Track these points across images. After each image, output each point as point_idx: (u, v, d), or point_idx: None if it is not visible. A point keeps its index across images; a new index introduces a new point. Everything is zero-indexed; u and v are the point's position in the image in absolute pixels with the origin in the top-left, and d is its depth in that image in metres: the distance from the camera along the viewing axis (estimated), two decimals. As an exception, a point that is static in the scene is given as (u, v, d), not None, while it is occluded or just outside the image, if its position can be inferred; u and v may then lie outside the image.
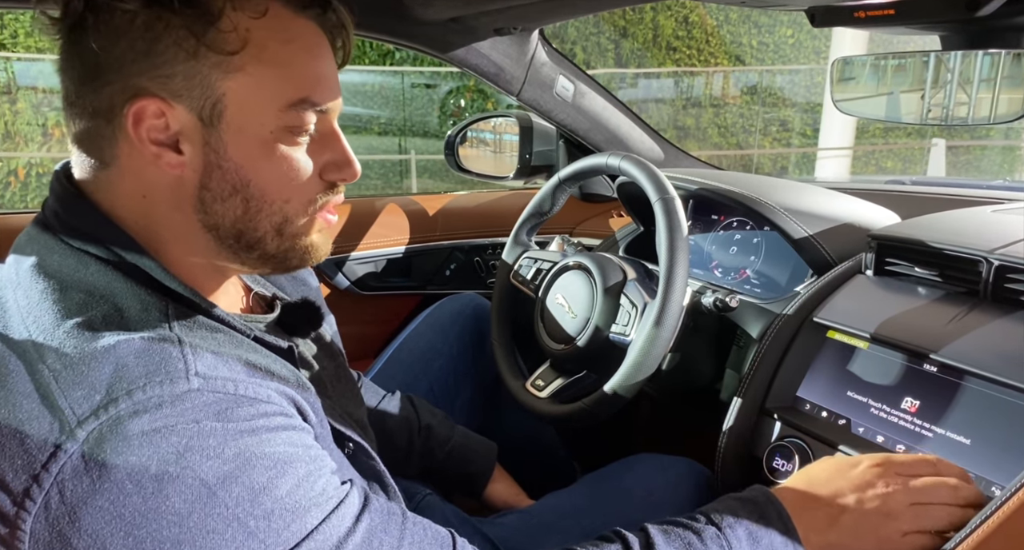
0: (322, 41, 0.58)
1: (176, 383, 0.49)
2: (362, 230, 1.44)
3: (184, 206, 0.57)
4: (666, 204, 0.91)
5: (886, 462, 0.64)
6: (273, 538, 0.49)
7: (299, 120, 0.56)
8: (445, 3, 1.10)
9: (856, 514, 0.61)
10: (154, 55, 0.52)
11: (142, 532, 0.46)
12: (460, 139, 1.60)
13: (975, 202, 1.10)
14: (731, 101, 9.86)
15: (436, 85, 9.15)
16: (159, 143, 0.55)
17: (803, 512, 0.61)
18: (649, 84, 9.85)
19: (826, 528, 0.60)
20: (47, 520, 0.46)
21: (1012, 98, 0.89)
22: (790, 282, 1.06)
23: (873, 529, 0.60)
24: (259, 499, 0.49)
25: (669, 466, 0.91)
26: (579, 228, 1.56)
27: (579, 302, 0.99)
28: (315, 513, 0.52)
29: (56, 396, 0.48)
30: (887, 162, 9.47)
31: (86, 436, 0.46)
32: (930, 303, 0.81)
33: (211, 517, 0.48)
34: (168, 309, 0.54)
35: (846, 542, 0.60)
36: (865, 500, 0.61)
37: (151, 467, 0.47)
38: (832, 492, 0.63)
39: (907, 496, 0.61)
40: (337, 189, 0.62)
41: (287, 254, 0.61)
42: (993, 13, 0.73)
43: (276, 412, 0.53)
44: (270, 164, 0.57)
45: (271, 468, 0.50)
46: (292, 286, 0.80)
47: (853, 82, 1.09)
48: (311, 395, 0.60)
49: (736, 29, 9.74)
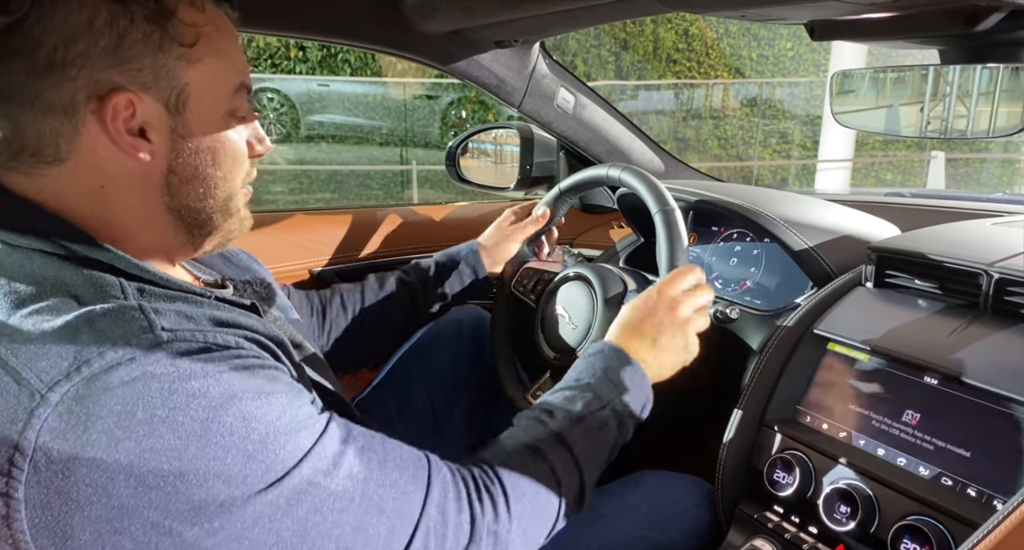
0: (234, 31, 0.64)
1: (144, 337, 0.51)
2: (363, 240, 1.45)
3: (150, 192, 0.60)
4: (666, 215, 0.91)
5: (664, 288, 0.84)
6: (272, 458, 0.51)
7: (240, 103, 0.63)
8: (447, 16, 1.10)
9: (662, 330, 0.81)
10: (123, 50, 0.55)
11: (142, 470, 0.48)
12: (461, 150, 1.61)
13: (975, 215, 1.10)
14: (731, 113, 9.89)
15: (437, 96, 9.19)
16: (130, 133, 0.57)
17: (630, 345, 0.80)
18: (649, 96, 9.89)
19: (650, 347, 0.80)
20: (39, 483, 0.47)
21: (1011, 111, 0.89)
22: (790, 294, 1.06)
23: (675, 335, 0.81)
24: (252, 425, 0.51)
25: (674, 483, 0.91)
26: (580, 239, 1.56)
27: (580, 313, 0.99)
28: (306, 435, 0.54)
29: (19, 370, 0.48)
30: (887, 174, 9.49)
31: (60, 398, 0.47)
32: (930, 316, 0.81)
33: (209, 446, 0.49)
34: (123, 287, 0.56)
35: (663, 349, 0.81)
36: (662, 319, 0.81)
37: (137, 413, 0.48)
38: (641, 323, 0.82)
39: (687, 308, 0.83)
40: (254, 162, 0.68)
41: (230, 228, 0.67)
42: (992, 27, 0.73)
43: (249, 355, 0.56)
44: (222, 145, 0.62)
45: (256, 398, 0.52)
46: (235, 273, 0.82)
47: (852, 95, 1.09)
48: (284, 344, 0.62)
49: (736, 42, 9.80)
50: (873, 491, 0.73)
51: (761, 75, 9.87)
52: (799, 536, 0.78)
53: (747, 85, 10.03)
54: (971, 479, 0.68)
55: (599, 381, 0.76)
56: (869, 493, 0.73)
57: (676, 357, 0.82)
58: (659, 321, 0.81)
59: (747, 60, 9.86)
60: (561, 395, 0.75)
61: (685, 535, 0.86)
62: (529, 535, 0.65)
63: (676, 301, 0.83)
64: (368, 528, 0.56)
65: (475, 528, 0.61)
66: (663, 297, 0.83)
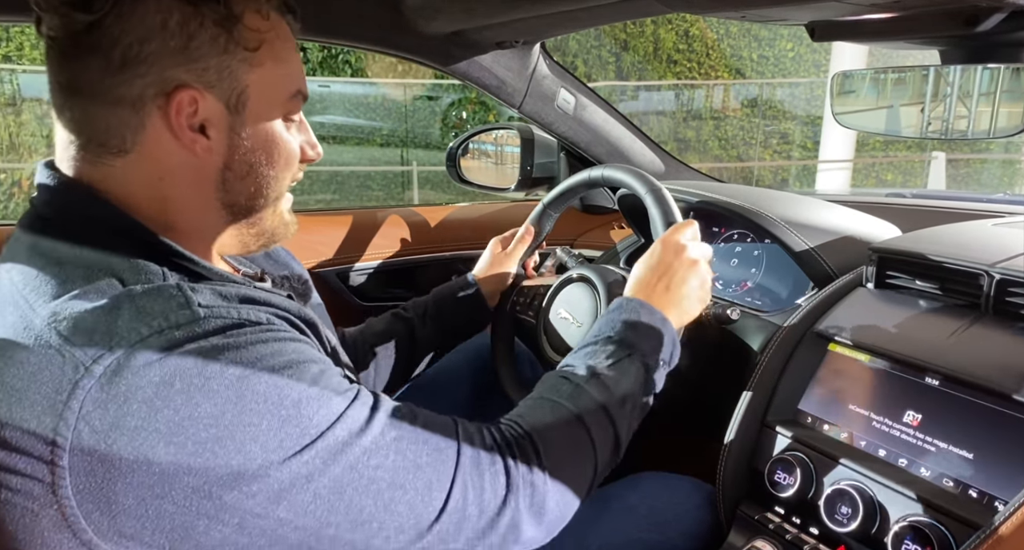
0: (294, 41, 0.66)
1: (181, 313, 0.53)
2: (364, 241, 1.45)
3: (205, 186, 0.63)
4: (655, 193, 0.93)
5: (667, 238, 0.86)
6: (306, 422, 0.54)
7: (294, 108, 0.66)
8: (448, 17, 1.11)
9: (674, 274, 0.83)
10: (191, 50, 0.58)
11: (181, 438, 0.50)
12: (462, 151, 1.61)
13: (976, 215, 1.10)
14: (732, 114, 9.89)
15: (438, 97, 9.19)
16: (191, 129, 0.60)
17: (647, 293, 0.82)
18: (650, 97, 9.89)
19: (665, 292, 0.82)
20: (83, 452, 0.49)
21: (1012, 112, 0.89)
22: (791, 295, 1.06)
23: (687, 277, 0.83)
24: (284, 391, 0.53)
25: (674, 484, 0.91)
26: (580, 240, 1.56)
27: (583, 313, 0.99)
28: (338, 400, 0.57)
29: (64, 346, 0.51)
30: (887, 175, 9.49)
31: (103, 370, 0.49)
32: (931, 316, 0.81)
33: (244, 412, 0.51)
34: (165, 271, 0.59)
35: (679, 291, 0.82)
36: (671, 262, 0.83)
37: (175, 383, 0.50)
38: (651, 273, 0.84)
39: (692, 251, 0.84)
40: (302, 166, 0.70)
41: (276, 228, 0.70)
42: (992, 28, 0.73)
43: (280, 329, 0.58)
44: (276, 146, 0.65)
45: (288, 367, 0.55)
46: (275, 268, 0.84)
47: (853, 95, 1.09)
48: (316, 325, 0.65)
49: (737, 42, 9.80)
50: (874, 492, 0.73)
51: (762, 76, 9.86)
52: (800, 537, 0.78)
53: (748, 86, 10.02)
54: (972, 480, 0.68)
55: (620, 332, 0.77)
56: (870, 494, 0.73)
57: (693, 296, 0.83)
58: (669, 265, 0.83)
59: (748, 61, 9.85)
60: (584, 351, 0.77)
61: (685, 537, 0.86)
62: (566, 487, 0.66)
63: (681, 246, 0.84)
64: (405, 484, 0.57)
65: (511, 479, 0.62)
66: (667, 246, 0.84)
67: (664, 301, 0.81)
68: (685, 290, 0.82)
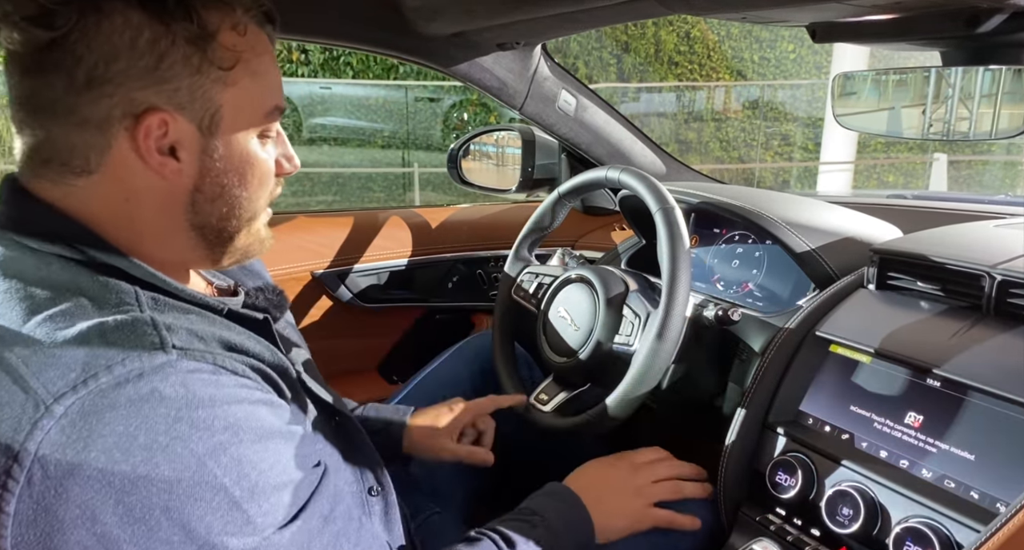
0: (273, 52, 0.63)
1: (154, 355, 0.50)
2: (365, 243, 1.45)
3: (173, 208, 0.60)
4: (666, 214, 0.91)
5: (628, 458, 0.89)
6: (255, 510, 0.52)
7: (271, 124, 0.63)
8: (448, 18, 1.11)
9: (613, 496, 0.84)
10: (161, 70, 0.55)
11: (132, 499, 0.47)
12: (463, 152, 1.61)
13: (977, 217, 1.10)
14: (733, 115, 9.89)
15: (439, 99, 9.19)
16: (160, 152, 0.57)
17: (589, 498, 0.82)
18: (651, 98, 9.88)
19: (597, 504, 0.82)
20: (31, 497, 0.46)
21: (1013, 113, 0.89)
22: (792, 296, 1.06)
23: (626, 503, 0.84)
24: (245, 471, 0.52)
25: None
26: (581, 241, 1.56)
27: (581, 314, 0.99)
28: (289, 496, 0.55)
29: (27, 378, 0.48)
30: (889, 176, 9.48)
31: (64, 411, 0.47)
32: (933, 318, 0.81)
33: (199, 485, 0.49)
34: (138, 295, 0.56)
35: (613, 514, 0.83)
36: (618, 487, 0.85)
37: (139, 436, 0.48)
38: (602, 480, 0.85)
39: (645, 479, 0.86)
40: (279, 181, 0.67)
41: (250, 245, 0.67)
42: (993, 29, 0.73)
43: (254, 386, 0.56)
44: (250, 167, 0.62)
45: (256, 441, 0.53)
46: (248, 278, 0.82)
47: (854, 97, 1.09)
48: (288, 372, 0.63)
49: (738, 44, 9.79)
50: (876, 493, 0.73)
51: (763, 77, 9.86)
52: (801, 538, 0.78)
53: (749, 87, 10.02)
54: (974, 482, 0.68)
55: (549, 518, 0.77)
56: (872, 495, 0.73)
57: (624, 518, 0.83)
58: (614, 483, 0.85)
59: (749, 62, 9.85)
60: (513, 523, 0.76)
61: (687, 538, 0.86)
62: None
63: (640, 470, 0.87)
64: None
65: None
66: (631, 464, 0.88)
67: (594, 511, 0.81)
68: (618, 509, 0.83)
